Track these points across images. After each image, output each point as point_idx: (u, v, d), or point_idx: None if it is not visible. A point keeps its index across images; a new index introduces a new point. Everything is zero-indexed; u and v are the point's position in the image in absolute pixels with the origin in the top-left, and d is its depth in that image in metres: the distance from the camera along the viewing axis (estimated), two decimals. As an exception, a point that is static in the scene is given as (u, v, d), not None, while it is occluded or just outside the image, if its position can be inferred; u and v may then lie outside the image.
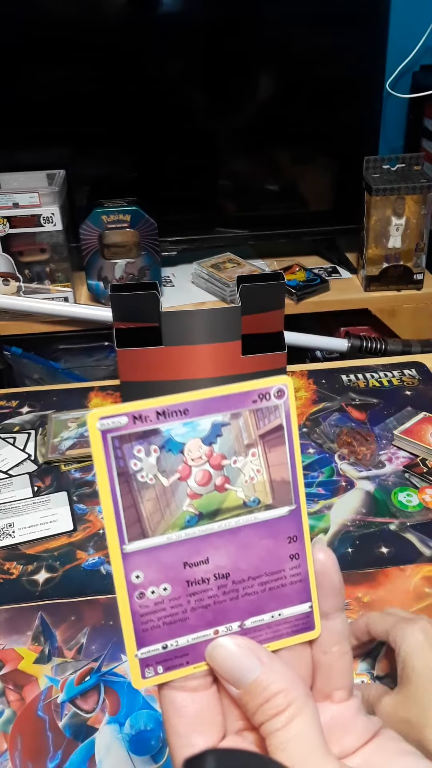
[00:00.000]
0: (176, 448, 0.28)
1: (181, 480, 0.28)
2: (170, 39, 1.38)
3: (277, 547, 0.30)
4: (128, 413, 0.27)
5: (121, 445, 0.27)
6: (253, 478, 0.29)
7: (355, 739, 0.29)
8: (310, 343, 1.40)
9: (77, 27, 1.36)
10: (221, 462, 0.29)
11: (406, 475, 0.75)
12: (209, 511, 0.29)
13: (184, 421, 0.28)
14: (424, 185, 1.37)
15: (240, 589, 0.29)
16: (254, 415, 0.29)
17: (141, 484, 0.28)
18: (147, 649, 0.28)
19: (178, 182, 1.51)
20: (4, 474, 0.78)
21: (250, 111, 1.48)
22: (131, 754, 0.50)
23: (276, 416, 0.29)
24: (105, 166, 1.50)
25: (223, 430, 0.29)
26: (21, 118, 1.41)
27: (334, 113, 1.47)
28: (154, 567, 0.28)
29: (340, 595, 0.31)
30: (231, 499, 0.29)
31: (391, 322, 1.49)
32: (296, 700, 0.27)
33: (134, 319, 0.83)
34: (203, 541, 0.29)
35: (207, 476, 0.29)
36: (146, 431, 0.27)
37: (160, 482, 0.28)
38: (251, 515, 0.29)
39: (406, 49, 1.50)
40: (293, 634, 0.30)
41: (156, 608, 0.28)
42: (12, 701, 0.54)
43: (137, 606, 0.28)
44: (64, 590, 0.63)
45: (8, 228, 1.34)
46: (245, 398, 0.29)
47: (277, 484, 0.30)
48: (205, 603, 0.29)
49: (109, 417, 0.27)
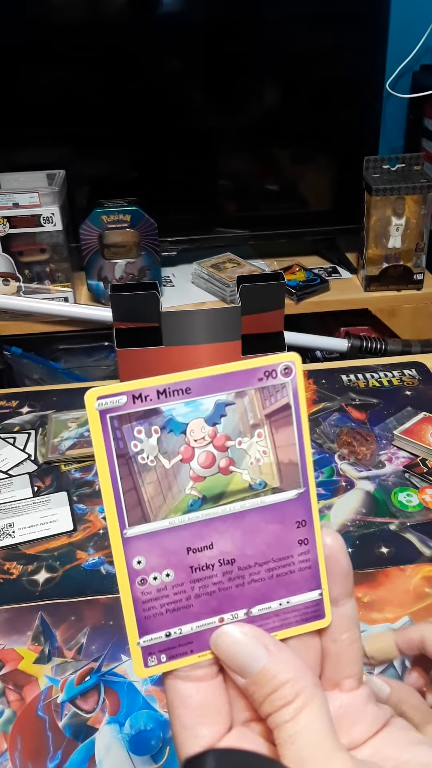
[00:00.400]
0: (178, 428, 0.27)
1: (183, 462, 0.27)
2: (170, 39, 1.39)
3: (284, 532, 0.29)
4: (128, 392, 0.26)
5: (121, 425, 0.26)
6: (259, 460, 0.28)
7: (365, 729, 0.28)
8: (310, 343, 1.40)
9: (77, 27, 1.36)
10: (225, 443, 0.28)
11: (406, 475, 0.75)
12: (213, 494, 0.28)
13: (186, 400, 0.27)
14: (424, 185, 1.37)
15: (246, 575, 0.28)
16: (260, 393, 0.28)
17: (142, 467, 0.27)
18: (150, 637, 0.27)
19: (178, 182, 1.51)
20: (4, 474, 0.78)
21: (250, 111, 1.48)
22: (131, 754, 0.50)
23: (283, 395, 0.28)
24: (105, 166, 1.50)
25: (227, 410, 0.28)
26: (21, 118, 1.41)
27: (334, 113, 1.47)
28: (156, 552, 0.27)
29: (349, 580, 0.30)
30: (236, 481, 0.28)
31: (391, 322, 1.49)
32: (305, 690, 0.26)
33: (134, 319, 0.83)
34: (207, 526, 0.28)
35: (211, 458, 0.28)
36: (147, 411, 0.26)
37: (161, 464, 0.27)
38: (257, 499, 0.28)
39: (406, 49, 1.50)
40: (302, 623, 0.29)
41: (158, 595, 0.27)
42: (12, 701, 0.54)
43: (139, 592, 0.27)
44: (64, 590, 0.63)
45: (8, 228, 1.34)
46: (250, 376, 0.28)
47: (285, 466, 0.28)
48: (210, 590, 0.28)
49: (108, 396, 0.26)
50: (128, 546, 0.27)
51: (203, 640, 0.28)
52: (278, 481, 0.28)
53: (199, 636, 0.28)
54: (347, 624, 0.29)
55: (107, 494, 0.27)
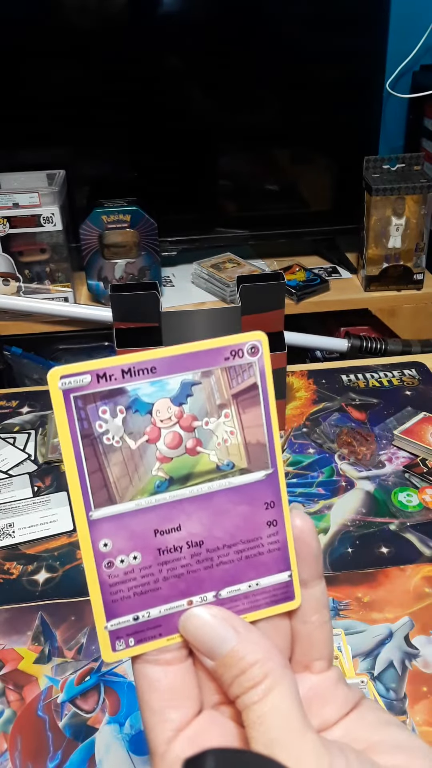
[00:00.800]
0: (144, 408, 0.27)
1: (149, 443, 0.27)
2: (171, 39, 1.39)
3: (253, 514, 0.28)
4: (92, 371, 0.26)
5: (85, 405, 0.26)
6: (226, 441, 0.28)
7: (335, 710, 0.28)
8: (310, 343, 1.40)
9: (77, 27, 1.36)
10: (192, 423, 0.27)
11: (406, 475, 0.75)
12: (180, 475, 0.27)
13: (152, 380, 0.26)
14: (424, 185, 1.37)
15: (215, 557, 0.28)
16: (227, 373, 0.27)
17: (107, 447, 0.26)
18: (117, 621, 0.27)
19: (178, 182, 1.51)
20: (4, 474, 0.78)
21: (251, 111, 1.48)
22: (131, 754, 0.50)
23: (250, 375, 0.28)
24: (105, 166, 1.50)
25: (194, 390, 0.27)
26: (21, 118, 1.41)
27: (334, 113, 1.47)
28: (123, 534, 0.27)
29: (319, 562, 0.30)
30: (203, 462, 0.28)
31: (391, 322, 1.49)
32: (273, 671, 0.26)
33: (134, 319, 0.83)
34: (174, 508, 0.27)
35: (177, 438, 0.27)
36: (111, 391, 0.26)
37: (127, 445, 0.27)
38: (225, 480, 0.28)
39: (406, 49, 1.50)
40: (272, 605, 0.29)
41: (126, 578, 0.27)
42: (12, 701, 0.54)
43: (106, 576, 0.27)
44: (64, 590, 0.63)
45: (8, 228, 1.34)
46: (216, 355, 0.27)
47: (253, 446, 0.28)
48: (178, 572, 0.27)
49: (72, 375, 0.25)
50: (94, 528, 0.26)
51: (172, 623, 0.27)
52: (246, 462, 0.28)
53: (167, 619, 0.27)
54: (317, 606, 0.29)
55: (72, 476, 0.26)
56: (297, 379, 0.92)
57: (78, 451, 0.26)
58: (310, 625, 0.29)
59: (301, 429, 0.83)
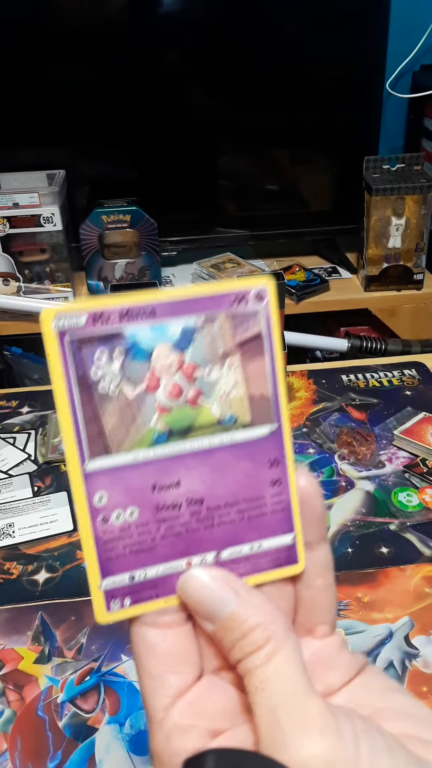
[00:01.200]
0: (142, 354, 0.25)
1: (148, 391, 0.25)
2: (170, 39, 1.39)
3: (256, 472, 0.27)
4: (88, 312, 0.24)
5: (80, 348, 0.24)
6: (229, 393, 0.26)
7: (338, 676, 0.27)
8: (310, 343, 1.40)
9: (77, 26, 1.36)
10: (194, 372, 0.26)
11: (406, 475, 0.75)
12: (180, 428, 0.26)
13: (152, 324, 0.25)
14: (424, 185, 1.37)
15: (215, 516, 0.26)
16: (231, 320, 0.26)
17: (103, 395, 0.25)
18: (112, 580, 0.26)
19: (178, 182, 1.51)
20: (4, 474, 0.78)
21: (250, 111, 1.48)
22: (131, 754, 0.50)
23: (255, 323, 0.26)
24: (105, 166, 1.50)
25: (196, 336, 0.25)
26: (21, 118, 1.41)
27: (334, 113, 1.47)
28: (119, 488, 0.25)
29: (323, 523, 0.28)
30: (204, 415, 0.26)
31: (391, 322, 1.49)
32: (276, 634, 0.25)
33: (134, 319, 0.83)
34: (174, 462, 0.26)
35: (177, 388, 0.25)
36: (108, 334, 0.24)
37: (124, 393, 0.25)
38: (227, 435, 0.26)
39: (406, 49, 1.50)
40: (274, 568, 0.27)
41: (121, 534, 0.26)
42: (12, 701, 0.54)
43: (100, 531, 0.25)
44: (64, 590, 0.63)
45: (8, 228, 1.34)
46: (220, 301, 0.25)
47: (257, 400, 0.26)
48: (177, 531, 0.26)
49: (66, 315, 0.24)
50: (89, 481, 0.25)
51: (170, 584, 0.26)
52: (249, 417, 0.26)
53: (165, 580, 0.26)
54: (321, 569, 0.28)
55: (66, 424, 0.24)
56: (297, 379, 0.92)
57: (73, 397, 0.24)
58: (314, 589, 0.28)
59: (301, 429, 0.83)
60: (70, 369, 0.24)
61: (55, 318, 0.24)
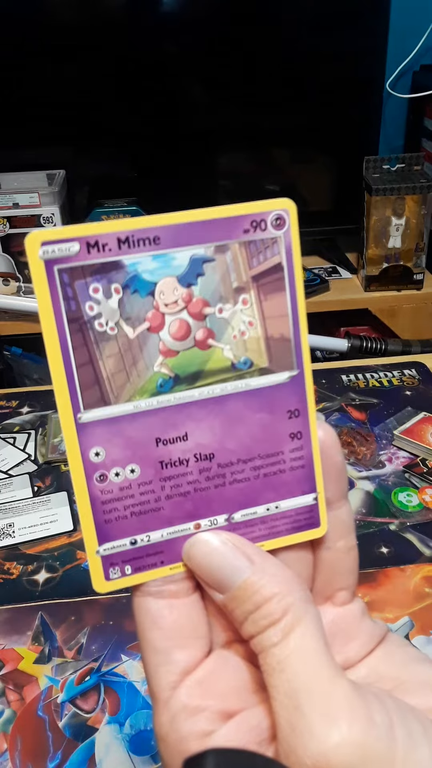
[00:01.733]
0: (145, 288, 0.22)
1: (151, 331, 0.22)
2: (170, 39, 1.39)
3: (274, 423, 0.24)
4: (81, 238, 0.21)
5: (72, 281, 0.21)
6: (243, 333, 0.23)
7: (359, 646, 0.25)
8: (310, 343, 1.40)
9: (77, 26, 1.36)
10: (203, 310, 0.23)
11: (406, 475, 0.75)
12: (188, 373, 0.23)
13: (155, 253, 0.21)
14: (424, 185, 1.37)
15: (227, 474, 0.24)
16: (246, 249, 0.23)
17: (99, 335, 0.22)
18: (111, 545, 0.23)
19: (178, 182, 1.51)
20: (4, 474, 0.78)
21: (251, 111, 1.48)
22: (131, 754, 0.50)
23: (274, 252, 0.23)
24: (105, 166, 1.50)
25: (206, 268, 0.22)
26: (22, 118, 1.41)
27: (334, 113, 1.47)
28: (118, 442, 0.22)
29: (344, 479, 0.25)
30: (216, 358, 0.23)
31: (391, 322, 1.49)
32: (294, 605, 0.22)
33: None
34: (180, 412, 0.23)
35: (185, 327, 0.23)
36: (105, 264, 0.21)
37: (124, 333, 0.22)
38: (241, 381, 0.23)
39: (406, 49, 1.50)
40: (293, 532, 0.25)
41: (121, 494, 0.23)
42: (12, 701, 0.54)
43: (98, 491, 0.23)
44: (64, 590, 0.63)
45: (8, 228, 1.34)
46: (234, 226, 0.22)
47: (275, 341, 0.23)
48: (184, 490, 0.23)
49: (56, 242, 0.20)
50: (84, 434, 0.22)
51: (176, 549, 0.24)
52: (267, 360, 0.23)
53: (170, 544, 0.23)
54: (343, 529, 0.26)
55: (56, 369, 0.21)
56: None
57: (64, 338, 0.21)
58: (335, 552, 0.25)
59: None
60: (61, 305, 0.21)
61: (42, 245, 0.20)
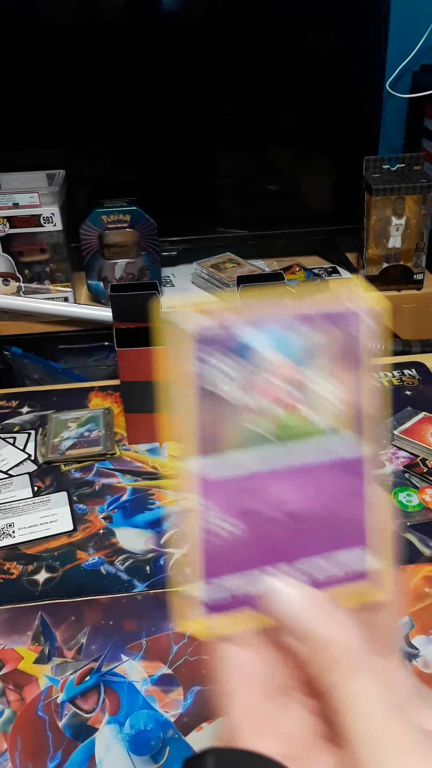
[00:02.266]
0: (259, 362, 0.26)
1: (260, 396, 0.26)
2: (170, 39, 1.38)
3: (356, 491, 0.27)
4: (219, 321, 0.25)
5: (204, 350, 0.25)
6: (334, 405, 0.27)
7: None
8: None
9: (77, 26, 1.36)
10: (303, 381, 0.26)
11: (406, 475, 0.75)
12: (286, 435, 0.26)
13: (270, 333, 0.26)
14: (424, 185, 1.37)
15: (311, 531, 0.27)
16: (344, 337, 0.27)
17: (219, 400, 0.26)
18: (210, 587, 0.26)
19: (178, 182, 1.51)
20: (4, 474, 0.78)
21: (251, 111, 1.48)
22: (131, 754, 0.50)
23: (364, 342, 0.28)
24: (105, 166, 1.50)
25: (310, 348, 0.26)
26: (21, 118, 1.41)
27: (334, 113, 1.47)
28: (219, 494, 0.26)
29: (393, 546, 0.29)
30: (310, 426, 0.27)
31: (391, 322, 1.49)
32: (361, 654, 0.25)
33: (134, 319, 0.83)
34: (274, 471, 0.26)
35: (286, 395, 0.26)
36: (229, 339, 0.26)
37: (235, 395, 0.26)
38: (332, 448, 0.27)
39: (406, 49, 1.50)
40: (362, 590, 0.28)
41: (222, 544, 0.26)
42: (12, 701, 0.54)
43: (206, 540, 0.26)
44: (64, 590, 0.63)
45: (8, 228, 1.34)
46: (335, 318, 0.27)
47: (359, 416, 0.27)
48: (271, 543, 0.26)
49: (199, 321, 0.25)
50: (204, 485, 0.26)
51: (257, 597, 0.26)
52: (352, 431, 0.27)
53: (251, 592, 0.26)
54: None
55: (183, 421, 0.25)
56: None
57: (199, 401, 0.25)
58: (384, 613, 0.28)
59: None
60: (194, 370, 0.25)
61: (195, 326, 0.25)
